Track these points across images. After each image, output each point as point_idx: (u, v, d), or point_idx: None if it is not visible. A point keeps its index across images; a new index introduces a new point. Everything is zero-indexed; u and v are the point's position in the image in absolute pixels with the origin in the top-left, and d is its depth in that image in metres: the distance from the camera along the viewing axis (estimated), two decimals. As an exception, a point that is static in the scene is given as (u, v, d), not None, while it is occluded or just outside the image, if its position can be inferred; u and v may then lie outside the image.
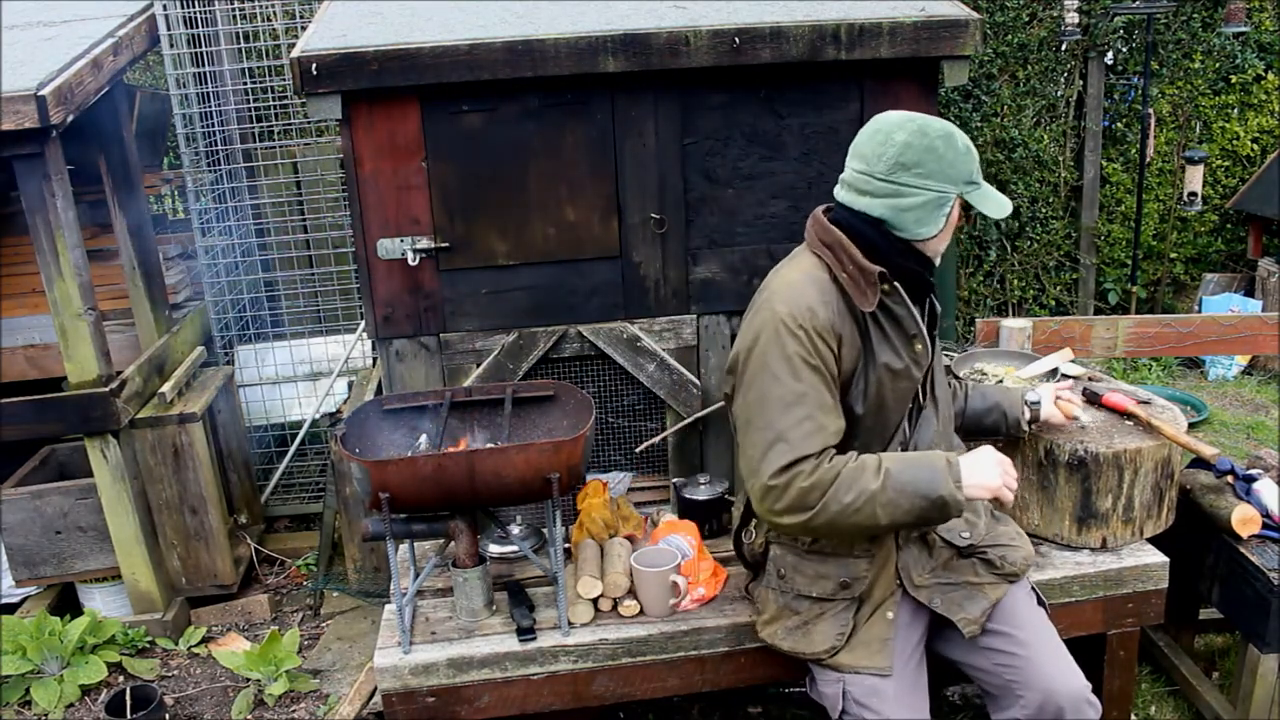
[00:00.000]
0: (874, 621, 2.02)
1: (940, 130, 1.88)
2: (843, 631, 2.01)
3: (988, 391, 2.35)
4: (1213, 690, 2.65)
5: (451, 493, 2.13)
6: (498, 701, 2.26)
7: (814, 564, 2.05)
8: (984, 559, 2.09)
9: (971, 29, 2.49)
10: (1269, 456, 2.73)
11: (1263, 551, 2.42)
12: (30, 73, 2.76)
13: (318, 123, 3.99)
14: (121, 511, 3.14)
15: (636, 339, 2.70)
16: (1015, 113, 5.41)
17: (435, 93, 2.45)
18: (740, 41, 2.44)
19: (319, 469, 4.13)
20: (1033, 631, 2.06)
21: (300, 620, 3.41)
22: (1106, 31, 5.32)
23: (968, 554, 2.10)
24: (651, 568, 2.30)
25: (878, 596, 2.03)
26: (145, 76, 5.59)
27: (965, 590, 2.07)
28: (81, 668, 2.99)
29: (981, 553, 2.09)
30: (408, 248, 2.55)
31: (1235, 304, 5.26)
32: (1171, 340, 3.09)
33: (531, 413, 2.44)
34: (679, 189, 2.62)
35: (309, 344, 4.01)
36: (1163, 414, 2.49)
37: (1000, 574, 2.09)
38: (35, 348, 3.56)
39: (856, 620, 2.02)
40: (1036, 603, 2.15)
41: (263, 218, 4.07)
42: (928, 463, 1.86)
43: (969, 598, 2.06)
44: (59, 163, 2.87)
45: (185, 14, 3.71)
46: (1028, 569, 2.15)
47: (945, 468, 1.85)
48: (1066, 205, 5.63)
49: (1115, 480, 2.37)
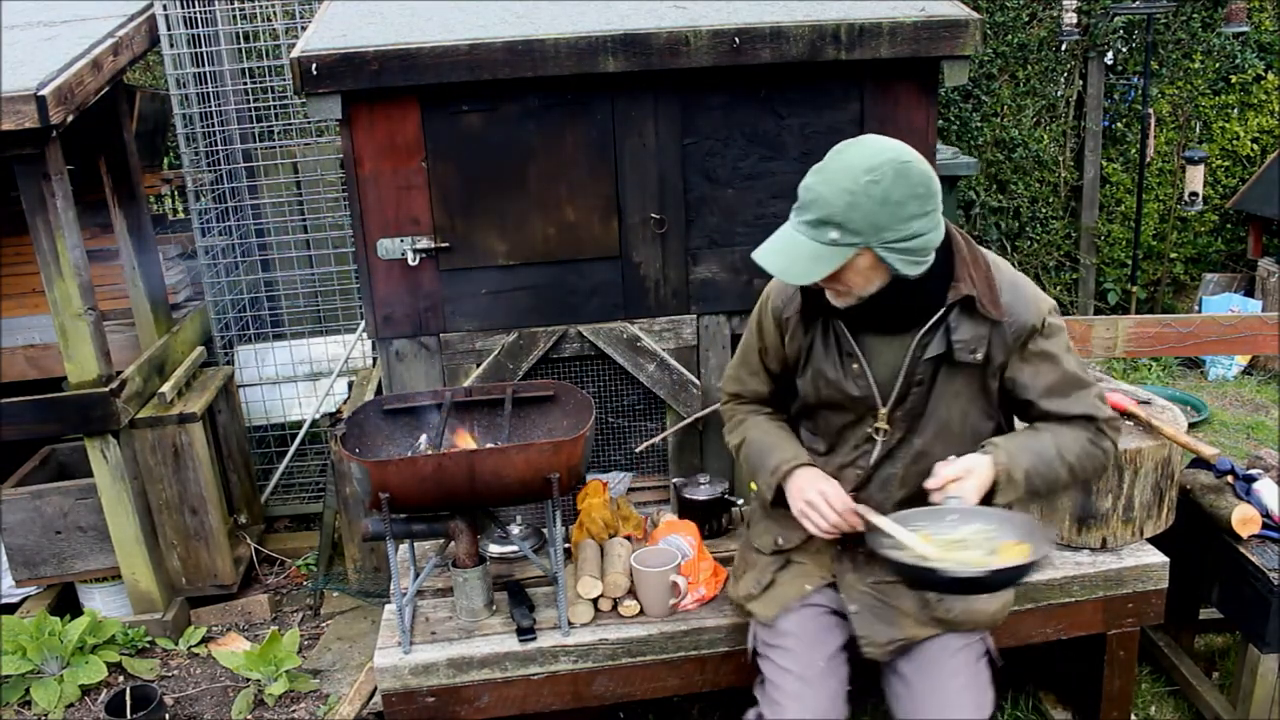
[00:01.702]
0: (790, 585, 2.10)
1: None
2: (761, 581, 2.14)
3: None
4: (1213, 690, 2.65)
5: (451, 493, 2.13)
6: (498, 701, 2.26)
7: (766, 521, 2.17)
8: (921, 596, 2.00)
9: (971, 29, 2.49)
10: (1269, 456, 2.73)
11: (1263, 551, 2.42)
12: (30, 73, 2.76)
13: (318, 123, 3.99)
14: (121, 511, 3.14)
15: (636, 339, 2.70)
16: (1015, 113, 5.41)
17: (435, 93, 2.45)
18: (740, 41, 2.44)
19: (319, 469, 4.13)
20: (929, 694, 1.96)
21: (300, 620, 3.41)
22: (1106, 31, 5.32)
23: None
24: (651, 568, 2.30)
25: (808, 569, 2.10)
26: (145, 76, 5.59)
27: (887, 613, 2.01)
28: (81, 668, 2.99)
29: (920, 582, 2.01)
30: (408, 248, 2.55)
31: (1235, 304, 5.26)
32: (1171, 340, 3.09)
33: (531, 413, 2.44)
34: (679, 189, 2.62)
35: (309, 344, 4.01)
36: (1163, 414, 2.49)
37: (933, 617, 2.00)
38: (35, 348, 3.56)
39: (777, 578, 2.12)
40: (978, 663, 2.01)
41: (263, 218, 4.07)
42: (766, 457, 2.07)
43: (887, 622, 2.00)
44: (59, 163, 2.87)
45: (185, 14, 3.71)
46: (977, 626, 2.02)
47: (772, 470, 2.04)
48: (1066, 205, 5.63)
49: (1115, 480, 2.37)
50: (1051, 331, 1.93)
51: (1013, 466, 1.87)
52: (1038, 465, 1.90)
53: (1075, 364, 1.95)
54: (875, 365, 1.94)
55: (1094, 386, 1.96)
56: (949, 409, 1.95)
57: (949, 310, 1.88)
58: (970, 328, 1.88)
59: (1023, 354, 1.92)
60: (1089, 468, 1.96)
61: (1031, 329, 1.90)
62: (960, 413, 1.96)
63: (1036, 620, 2.38)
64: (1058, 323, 1.95)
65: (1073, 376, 1.94)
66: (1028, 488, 1.90)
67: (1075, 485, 2.02)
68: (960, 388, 1.94)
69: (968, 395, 1.95)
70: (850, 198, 1.71)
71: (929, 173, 1.76)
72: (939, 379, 1.93)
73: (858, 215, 1.71)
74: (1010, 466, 1.87)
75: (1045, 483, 1.92)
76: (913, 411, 1.95)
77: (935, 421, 1.96)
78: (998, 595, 2.04)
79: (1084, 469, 1.96)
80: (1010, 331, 1.90)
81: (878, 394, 1.95)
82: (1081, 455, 1.93)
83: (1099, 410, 1.95)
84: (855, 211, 1.71)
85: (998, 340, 1.90)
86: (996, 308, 1.88)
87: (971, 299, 1.86)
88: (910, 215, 1.73)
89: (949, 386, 1.93)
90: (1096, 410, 1.95)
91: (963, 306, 1.88)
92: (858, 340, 1.94)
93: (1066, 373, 1.93)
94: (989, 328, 1.89)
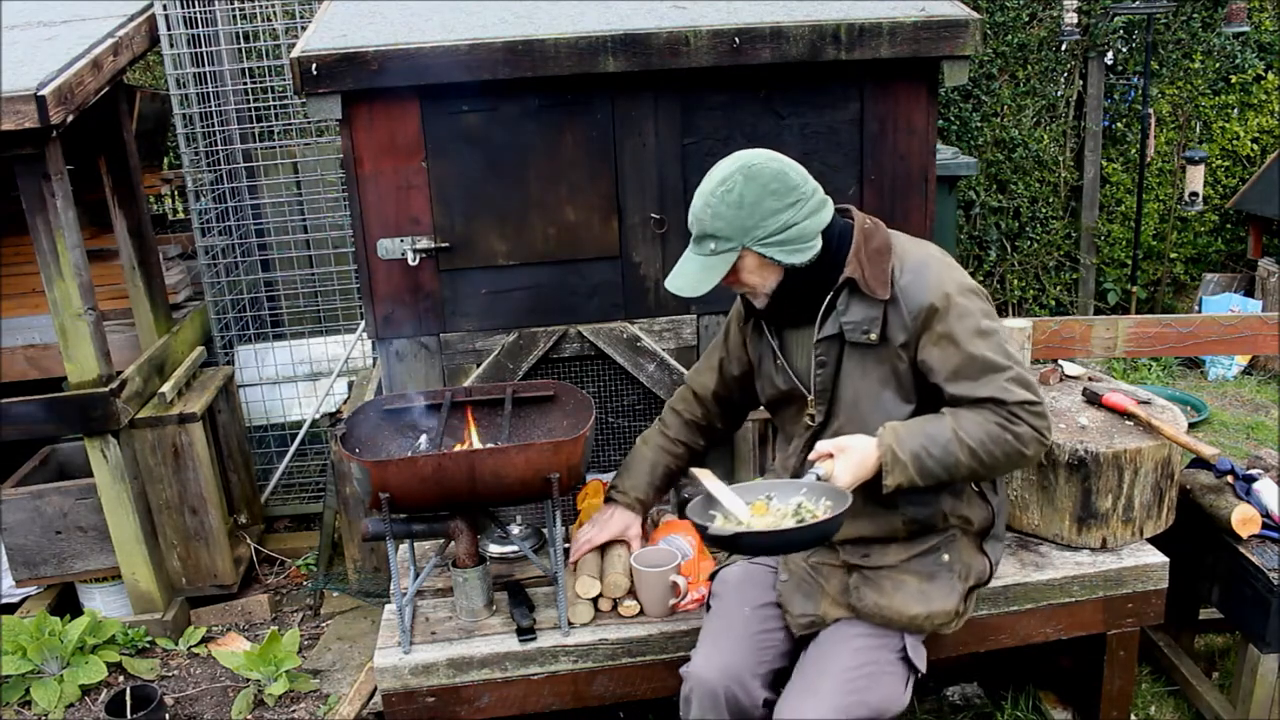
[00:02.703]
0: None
1: None
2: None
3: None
4: (1213, 690, 2.65)
5: (452, 493, 2.13)
6: (498, 701, 2.26)
7: None
8: (846, 581, 2.05)
9: (971, 29, 2.49)
10: (1269, 456, 2.73)
11: (1263, 551, 2.42)
12: (30, 73, 2.76)
13: (318, 123, 3.99)
14: (121, 511, 3.14)
15: (636, 339, 2.70)
16: (1015, 113, 5.41)
17: (435, 93, 2.45)
18: (740, 41, 2.44)
19: (319, 469, 4.13)
20: (807, 670, 2.00)
21: (300, 620, 3.41)
22: (1106, 31, 5.32)
23: (847, 569, 2.07)
24: (651, 568, 2.29)
25: None
26: (145, 76, 5.60)
27: (812, 590, 2.07)
28: (81, 668, 2.99)
29: (852, 573, 2.05)
30: (408, 248, 2.55)
31: (1235, 304, 5.26)
32: (1171, 340, 3.09)
33: (531, 413, 2.44)
34: (679, 189, 2.62)
35: (309, 344, 4.01)
36: (1163, 414, 2.49)
37: (849, 603, 2.04)
38: (35, 348, 3.56)
39: None
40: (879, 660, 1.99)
41: (263, 218, 4.07)
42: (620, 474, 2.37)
43: (806, 595, 2.07)
44: (59, 163, 2.87)
45: (185, 14, 3.71)
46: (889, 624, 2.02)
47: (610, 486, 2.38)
48: (1066, 205, 5.63)
49: (1115, 480, 2.37)
50: (959, 313, 1.91)
51: (898, 447, 1.89)
52: (928, 447, 1.89)
53: (987, 347, 1.90)
54: (794, 357, 2.08)
55: (1008, 370, 1.89)
56: (856, 390, 2.00)
57: (837, 293, 1.96)
58: (861, 309, 1.95)
59: (930, 336, 1.93)
60: (997, 453, 1.89)
61: (930, 309, 1.91)
62: (870, 394, 1.99)
63: (1036, 620, 2.38)
64: (966, 304, 1.92)
65: (980, 359, 1.89)
66: (917, 469, 1.89)
67: (985, 469, 1.93)
68: (867, 370, 1.99)
69: (877, 377, 1.99)
70: (711, 210, 1.89)
71: (781, 169, 1.89)
72: (843, 361, 2.00)
73: (722, 223, 1.88)
74: (895, 446, 1.89)
75: (940, 465, 1.89)
76: (825, 395, 2.03)
77: (845, 404, 2.02)
78: (920, 598, 2.02)
79: (991, 454, 1.89)
80: (909, 313, 1.93)
81: (799, 383, 2.06)
82: (986, 439, 1.88)
83: (1008, 394, 1.88)
84: (720, 220, 1.88)
85: (895, 320, 1.94)
86: (882, 287, 1.93)
87: (854, 280, 1.94)
88: (771, 211, 1.88)
89: (855, 368, 2.00)
90: (1005, 394, 1.88)
91: (851, 289, 1.96)
92: (780, 336, 2.09)
93: (972, 355, 1.89)
94: (881, 308, 1.94)
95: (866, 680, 1.96)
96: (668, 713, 2.72)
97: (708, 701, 1.98)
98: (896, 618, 2.01)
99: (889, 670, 2.00)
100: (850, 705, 1.90)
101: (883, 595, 2.02)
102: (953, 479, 1.95)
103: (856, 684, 1.94)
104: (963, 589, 2.07)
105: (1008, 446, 1.90)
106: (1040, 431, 1.91)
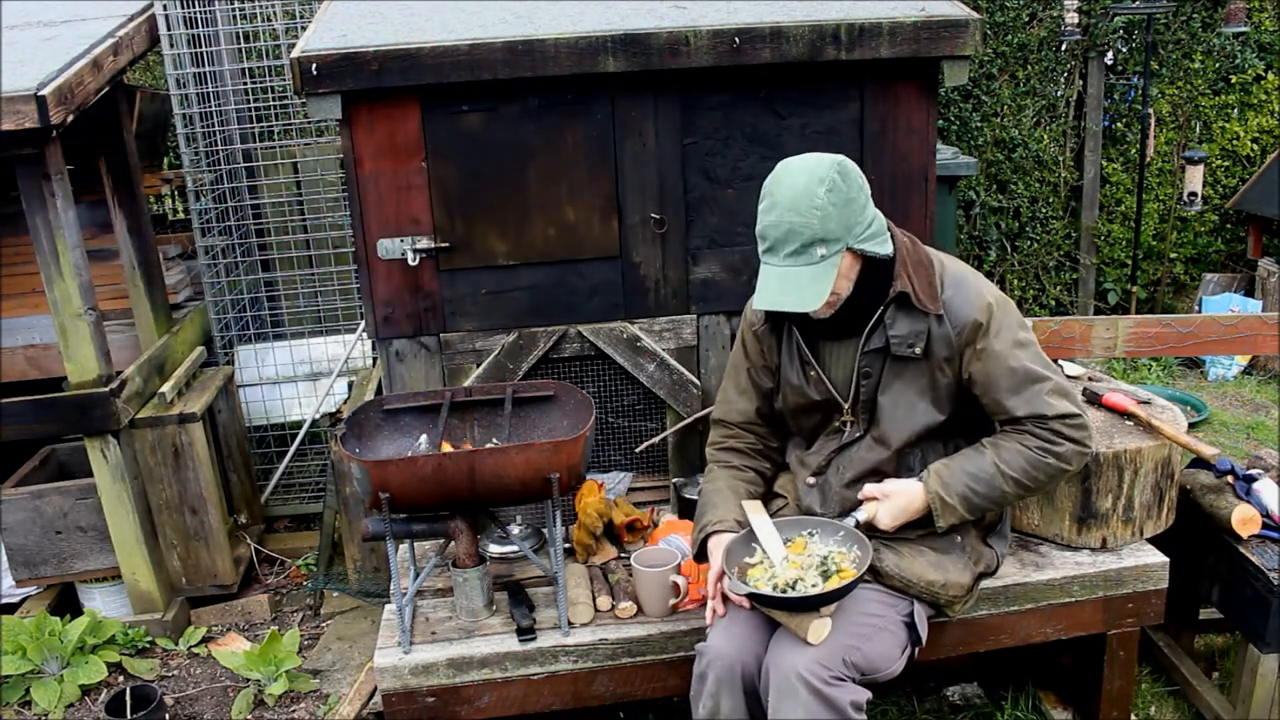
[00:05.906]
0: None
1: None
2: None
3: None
4: (1213, 690, 2.65)
5: (452, 493, 2.13)
6: (498, 701, 2.26)
7: None
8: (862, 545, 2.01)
9: (971, 29, 2.49)
10: (1269, 456, 2.73)
11: (1263, 551, 2.42)
12: (30, 73, 2.76)
13: (318, 123, 3.99)
14: (121, 511, 3.14)
15: (636, 339, 2.70)
16: (1015, 113, 5.41)
17: (435, 93, 2.45)
18: (740, 41, 2.44)
19: (319, 469, 4.13)
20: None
21: (300, 620, 3.41)
22: (1106, 31, 5.32)
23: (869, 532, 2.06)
24: (651, 568, 2.30)
25: (774, 506, 2.24)
26: (145, 76, 5.60)
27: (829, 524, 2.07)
28: (81, 668, 2.99)
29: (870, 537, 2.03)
30: (408, 248, 2.55)
31: (1235, 304, 5.26)
32: (1171, 340, 3.08)
33: (531, 413, 2.44)
34: (679, 189, 2.62)
35: (309, 344, 4.01)
36: (1163, 414, 2.49)
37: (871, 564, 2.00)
38: (35, 348, 3.56)
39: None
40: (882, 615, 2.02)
41: (263, 218, 4.07)
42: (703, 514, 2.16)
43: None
44: (59, 163, 2.87)
45: (185, 14, 3.71)
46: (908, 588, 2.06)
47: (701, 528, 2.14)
48: (1066, 205, 5.63)
49: (1115, 480, 2.37)
50: (999, 326, 1.99)
51: (945, 493, 2.01)
52: (973, 486, 2.00)
53: (1027, 357, 1.98)
54: (832, 369, 2.10)
55: (1048, 381, 1.98)
56: (894, 402, 2.05)
57: (886, 307, 2.00)
58: (907, 323, 2.00)
59: (974, 351, 1.99)
60: (1041, 476, 2.00)
61: (975, 324, 1.98)
62: (907, 405, 2.04)
63: (1036, 620, 2.38)
64: (1004, 317, 2.00)
65: (1022, 370, 1.97)
66: (967, 509, 2.02)
67: (1033, 491, 2.03)
68: (907, 381, 2.03)
69: (915, 389, 2.04)
70: (820, 213, 1.87)
71: (852, 164, 1.96)
72: (885, 373, 2.04)
73: (833, 224, 1.88)
74: (942, 492, 2.01)
75: (987, 500, 2.02)
76: (868, 404, 2.08)
77: (885, 413, 2.06)
78: (938, 567, 2.10)
79: (1035, 479, 2.00)
80: (953, 328, 1.99)
81: (837, 394, 2.09)
82: (1028, 466, 1.98)
83: (1049, 408, 1.96)
84: (830, 222, 1.87)
85: (939, 335, 1.99)
86: (933, 302, 1.98)
87: (906, 294, 1.98)
88: (863, 205, 1.94)
89: (894, 380, 2.04)
90: (1047, 408, 1.96)
91: (899, 303, 2.00)
92: (814, 349, 2.10)
93: (1013, 368, 1.97)
94: (927, 323, 1.99)
95: (869, 631, 2.00)
96: (668, 713, 2.72)
97: (725, 675, 1.99)
98: (916, 580, 2.08)
99: (891, 629, 2.05)
100: (847, 649, 1.94)
101: (903, 559, 2.09)
102: (1002, 507, 2.09)
103: (860, 631, 1.98)
104: (974, 570, 2.16)
105: (1051, 469, 1.99)
106: (1082, 443, 1.99)
